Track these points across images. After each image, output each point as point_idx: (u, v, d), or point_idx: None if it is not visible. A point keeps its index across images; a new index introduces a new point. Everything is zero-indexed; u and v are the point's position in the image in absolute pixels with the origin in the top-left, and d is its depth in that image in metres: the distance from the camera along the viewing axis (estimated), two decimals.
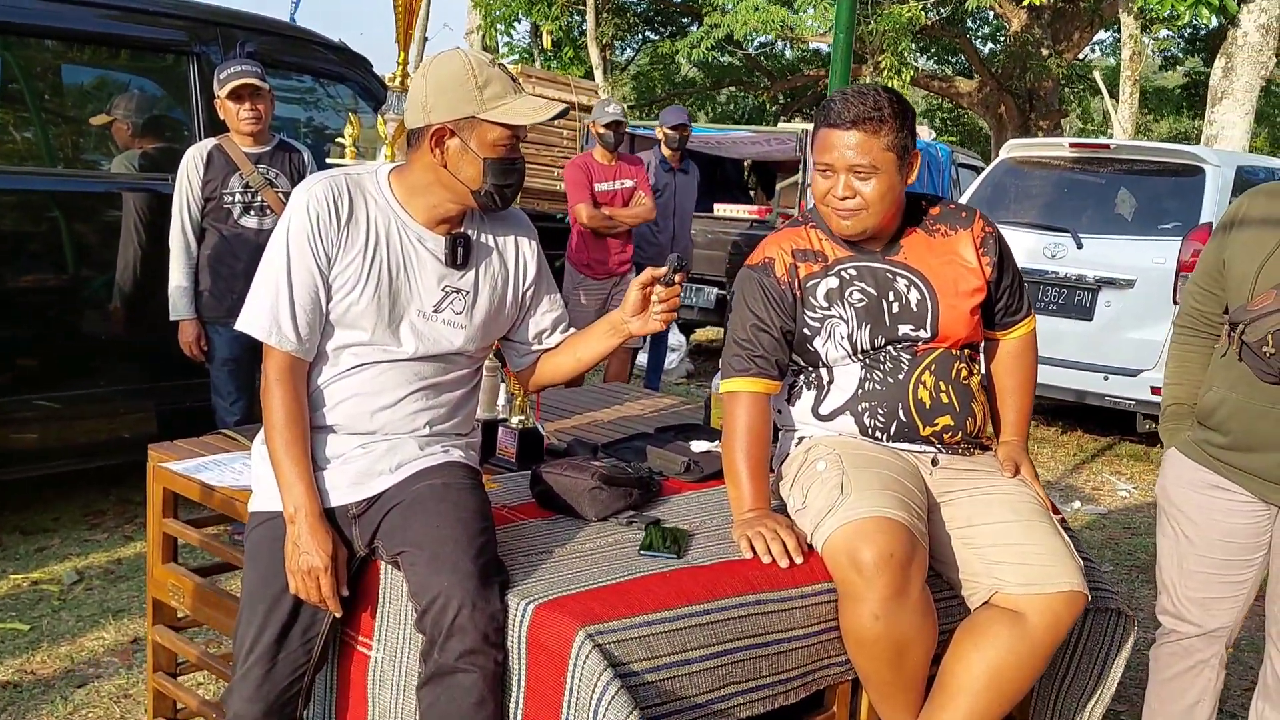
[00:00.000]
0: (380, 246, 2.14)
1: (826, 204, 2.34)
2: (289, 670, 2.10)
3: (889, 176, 2.29)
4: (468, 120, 2.08)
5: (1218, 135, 10.54)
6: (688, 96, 24.02)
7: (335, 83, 5.44)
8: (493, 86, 2.08)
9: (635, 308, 2.26)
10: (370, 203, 2.16)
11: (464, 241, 2.20)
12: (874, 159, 2.26)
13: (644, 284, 2.24)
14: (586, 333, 2.39)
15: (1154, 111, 24.02)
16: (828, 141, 2.30)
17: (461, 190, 2.13)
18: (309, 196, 2.11)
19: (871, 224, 2.33)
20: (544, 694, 1.88)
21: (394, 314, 2.15)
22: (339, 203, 2.12)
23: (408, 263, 2.17)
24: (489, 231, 2.28)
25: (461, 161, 2.10)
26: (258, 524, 2.17)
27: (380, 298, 2.13)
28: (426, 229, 2.19)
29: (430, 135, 2.09)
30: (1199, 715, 2.70)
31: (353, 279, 2.12)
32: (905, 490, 2.25)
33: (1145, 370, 6.13)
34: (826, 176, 2.32)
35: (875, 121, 2.26)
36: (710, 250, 8.65)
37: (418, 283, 2.17)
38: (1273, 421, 2.44)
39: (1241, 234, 2.55)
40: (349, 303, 2.12)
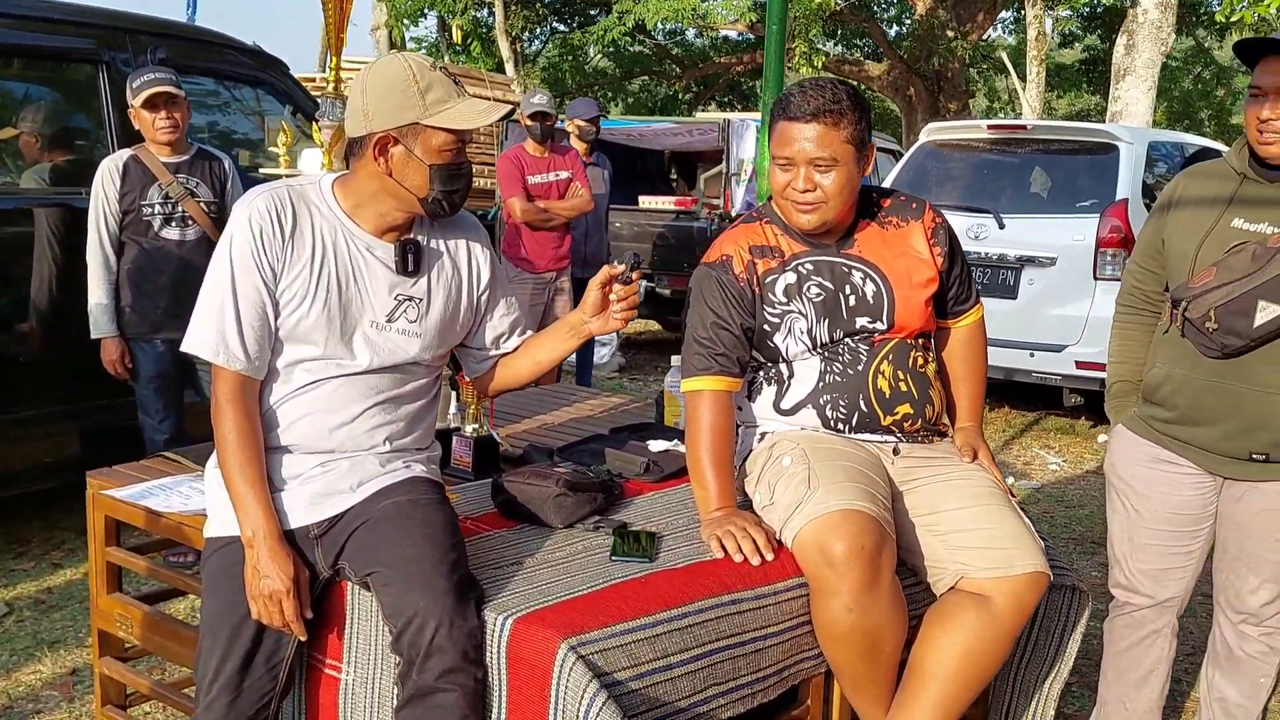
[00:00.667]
0: (328, 258, 2.09)
1: (786, 197, 2.33)
2: (255, 698, 2.04)
3: (848, 169, 2.29)
4: (411, 127, 2.03)
5: (1122, 111, 10.80)
6: (599, 87, 23.97)
7: (251, 87, 5.31)
8: (435, 91, 2.04)
9: (595, 307, 2.24)
10: (315, 214, 2.10)
11: (414, 248, 2.15)
12: (834, 151, 2.26)
13: (602, 283, 2.22)
14: (545, 335, 2.36)
15: (1055, 89, 24.56)
16: (787, 135, 2.29)
17: (408, 198, 2.08)
18: (250, 210, 2.05)
19: (831, 216, 2.33)
20: (527, 709, 1.86)
21: (346, 326, 2.10)
22: (282, 215, 2.06)
23: (357, 273, 2.11)
24: (439, 236, 2.23)
25: (407, 169, 2.06)
26: (215, 550, 2.11)
27: (330, 310, 2.08)
28: (375, 237, 2.14)
29: (373, 144, 2.04)
30: (1154, 683, 2.76)
31: (301, 293, 2.06)
32: (871, 481, 2.26)
33: (1070, 345, 6.25)
34: (786, 169, 2.32)
35: (835, 114, 2.26)
36: (637, 243, 8.64)
37: (369, 293, 2.12)
38: (1216, 395, 2.49)
39: (1179, 213, 2.60)
40: (298, 317, 2.07)
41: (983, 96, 27.08)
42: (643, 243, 8.70)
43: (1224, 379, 2.48)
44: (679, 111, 22.35)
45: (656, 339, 10.33)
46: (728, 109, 21.75)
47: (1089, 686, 3.23)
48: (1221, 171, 2.57)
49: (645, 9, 15.04)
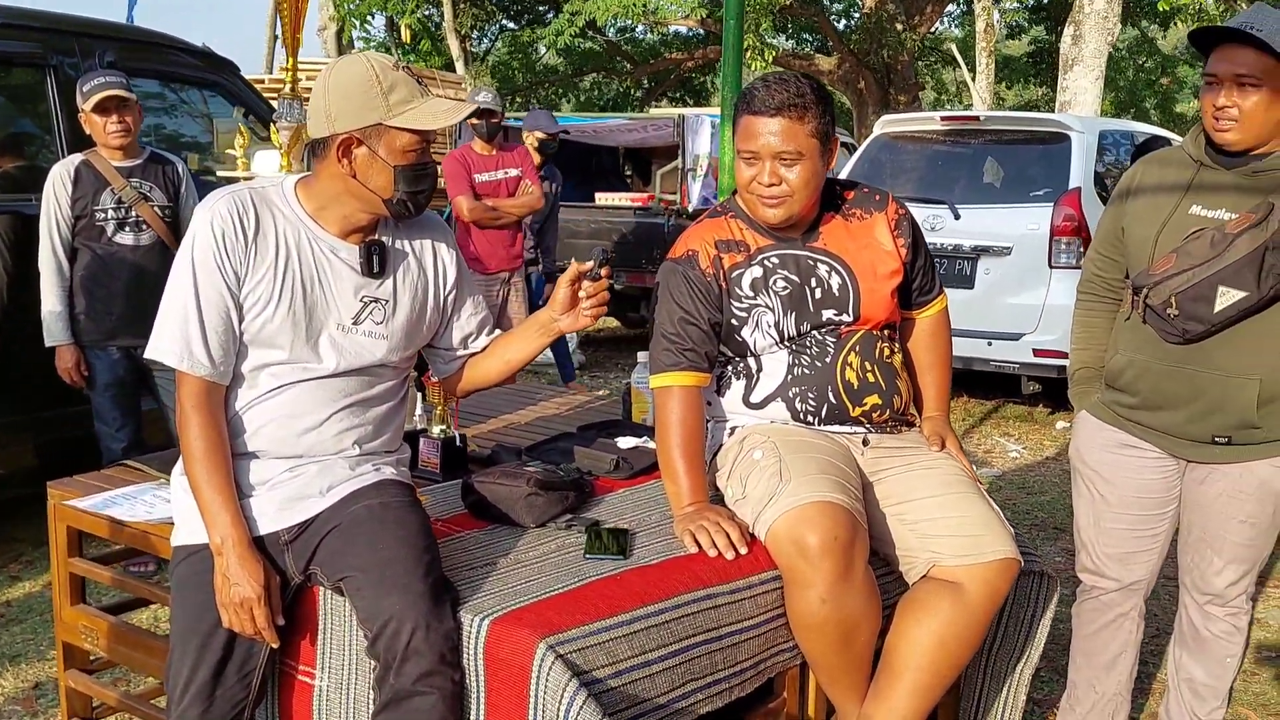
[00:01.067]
0: (291, 261, 2.06)
1: (752, 191, 2.34)
2: (227, 707, 2.02)
3: (813, 163, 2.30)
4: (375, 128, 2.01)
5: (1071, 101, 10.93)
6: (550, 85, 23.91)
7: (200, 89, 5.24)
8: (399, 91, 2.01)
9: (564, 305, 2.23)
10: (277, 216, 2.07)
11: (379, 249, 2.13)
12: (799, 145, 2.27)
13: (571, 280, 2.21)
14: (514, 334, 2.34)
15: (1004, 80, 24.81)
16: (752, 129, 2.29)
17: (373, 199, 2.06)
18: (212, 214, 2.02)
19: (797, 210, 2.33)
20: (506, 710, 1.84)
21: (311, 329, 2.07)
22: (244, 219, 2.03)
23: (322, 275, 2.09)
24: (404, 237, 2.21)
25: (371, 170, 2.03)
26: (184, 558, 2.07)
27: (295, 313, 2.05)
28: (339, 239, 2.11)
29: (336, 145, 2.02)
30: (1122, 665, 2.79)
31: (265, 296, 2.03)
32: (841, 473, 2.26)
33: (1027, 334, 6.32)
34: (751, 164, 2.32)
35: (799, 108, 2.26)
36: (596, 240, 8.62)
37: (334, 295, 2.10)
38: (1179, 380, 2.52)
39: (1138, 201, 2.63)
40: (263, 321, 2.04)
41: (931, 89, 27.31)
42: (600, 240, 8.69)
43: (1185, 364, 2.51)
44: (631, 108, 22.33)
45: (615, 336, 10.32)
46: (680, 105, 21.78)
47: (1058, 671, 3.26)
48: (1179, 159, 2.60)
49: (595, 6, 15.01)
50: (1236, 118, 2.40)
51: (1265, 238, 2.37)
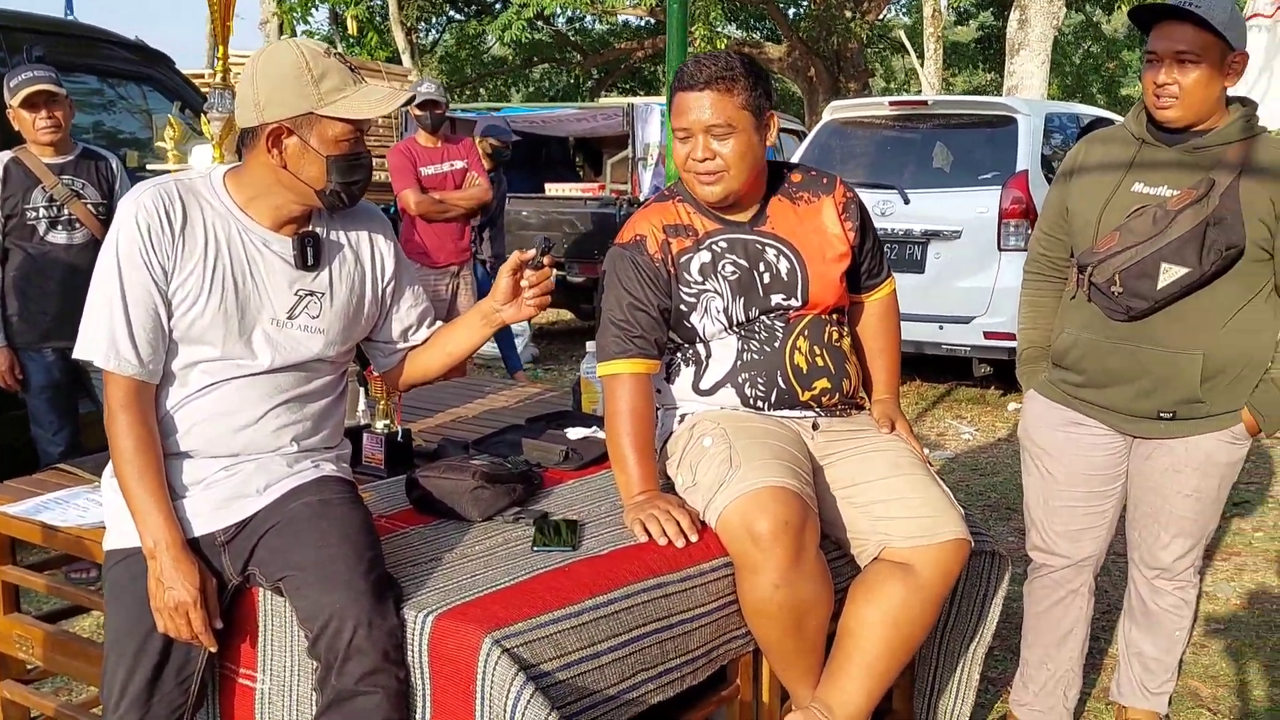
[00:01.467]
0: (221, 254, 2.00)
1: (688, 169, 2.31)
2: (165, 713, 1.97)
3: (746, 135, 2.27)
4: (306, 117, 1.95)
5: (1018, 86, 11.00)
6: (499, 76, 23.76)
7: (136, 84, 5.13)
8: (330, 79, 1.96)
9: (506, 294, 2.19)
10: (206, 209, 2.01)
11: (313, 241, 2.07)
12: (729, 117, 2.25)
13: (513, 269, 2.17)
14: (456, 325, 2.30)
15: (952, 66, 24.96)
16: (684, 105, 2.27)
17: (305, 190, 2.01)
18: (137, 207, 1.95)
19: (735, 186, 2.31)
20: (452, 707, 1.81)
21: (244, 324, 2.02)
22: (170, 211, 1.96)
23: (254, 269, 2.03)
24: (339, 228, 2.15)
25: (302, 161, 1.98)
26: (116, 562, 2.01)
27: (227, 308, 2.00)
28: (271, 231, 2.05)
29: (266, 135, 1.96)
30: (1073, 641, 2.81)
31: (194, 292, 1.97)
32: (792, 458, 2.25)
33: (978, 316, 6.35)
34: (685, 140, 2.30)
35: (728, 80, 2.24)
36: (547, 232, 8.56)
37: (267, 289, 2.04)
38: (1124, 357, 2.53)
39: (1081, 180, 2.63)
40: (193, 317, 1.98)
41: (880, 77, 27.44)
42: (552, 231, 8.62)
43: (1130, 341, 2.52)
44: (581, 98, 22.24)
45: (570, 328, 10.28)
46: (630, 94, 21.73)
47: (1010, 649, 3.28)
48: (1121, 137, 2.61)
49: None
50: (1177, 94, 2.41)
51: (1206, 214, 2.39)
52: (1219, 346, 2.46)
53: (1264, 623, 3.62)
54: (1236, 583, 3.97)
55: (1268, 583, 3.97)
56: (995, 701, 3.12)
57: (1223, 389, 2.50)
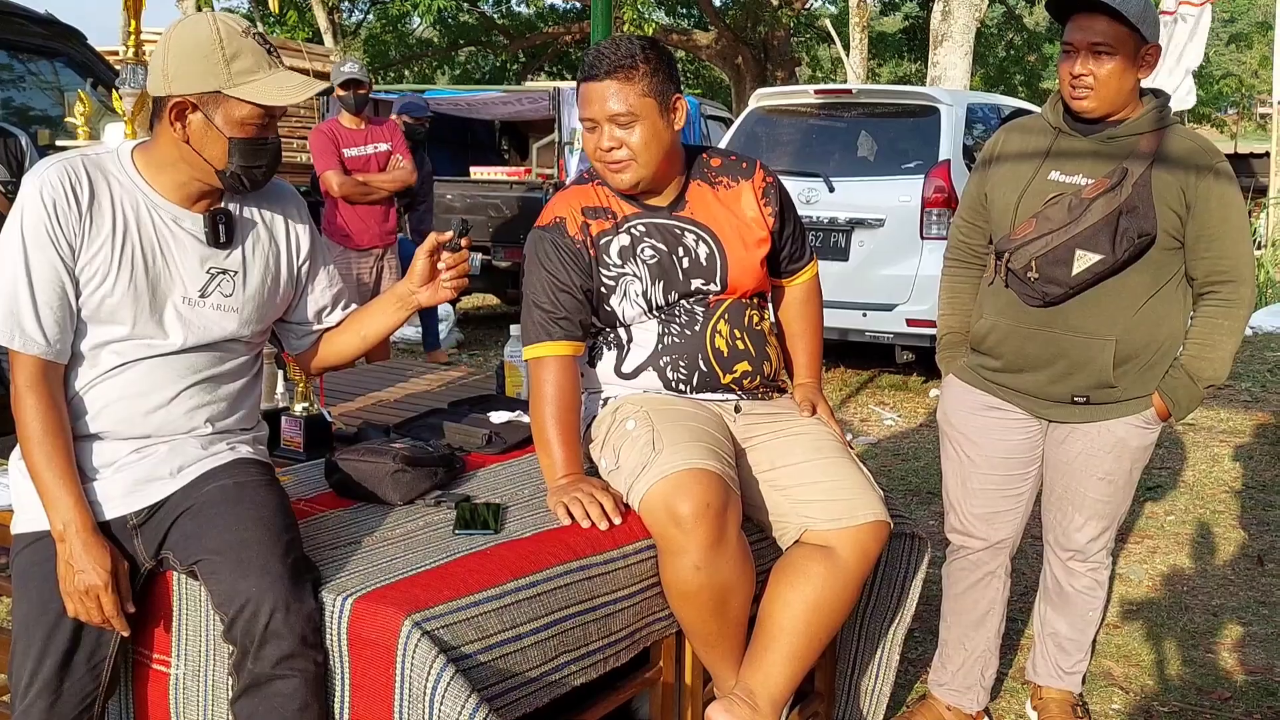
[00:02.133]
0: (130, 231, 1.95)
1: (598, 159, 2.31)
2: (76, 700, 1.92)
3: (651, 123, 2.27)
4: (212, 95, 1.91)
5: (941, 76, 11.15)
6: (424, 59, 23.50)
7: (47, 59, 4.99)
8: (243, 59, 1.91)
9: (423, 277, 2.16)
10: (114, 184, 1.96)
11: (224, 218, 2.02)
12: (631, 105, 2.24)
13: (429, 251, 2.14)
14: (370, 308, 2.26)
15: (877, 56, 25.22)
16: (587, 95, 2.27)
17: (205, 169, 1.95)
18: (42, 183, 1.89)
19: (644, 174, 2.30)
20: (372, 689, 1.79)
21: (155, 303, 1.97)
22: (78, 187, 1.91)
23: (164, 246, 1.98)
24: (253, 205, 2.11)
25: (205, 139, 1.93)
26: (24, 546, 1.96)
27: (137, 286, 1.95)
28: (181, 208, 2.00)
29: (170, 108, 1.91)
30: (990, 622, 2.86)
31: (102, 270, 1.92)
32: (714, 440, 2.25)
33: (900, 304, 6.43)
34: (592, 130, 2.29)
35: (628, 69, 2.24)
36: (471, 215, 8.49)
37: (178, 267, 1.99)
38: (1040, 343, 2.58)
39: (1000, 168, 2.68)
40: (101, 295, 1.93)
41: (807, 65, 27.61)
42: (477, 214, 8.56)
43: (1046, 327, 2.56)
44: (508, 82, 22.09)
45: (495, 313, 10.22)
46: (557, 79, 21.62)
47: (929, 630, 3.33)
48: (1038, 126, 2.66)
49: None
50: (1092, 85, 2.46)
51: (1119, 202, 2.44)
52: (1131, 332, 2.52)
53: (1175, 604, 3.72)
54: (1149, 565, 4.08)
55: (1179, 565, 4.08)
56: (914, 681, 3.17)
57: (1134, 374, 2.56)
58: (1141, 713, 3.02)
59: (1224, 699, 3.08)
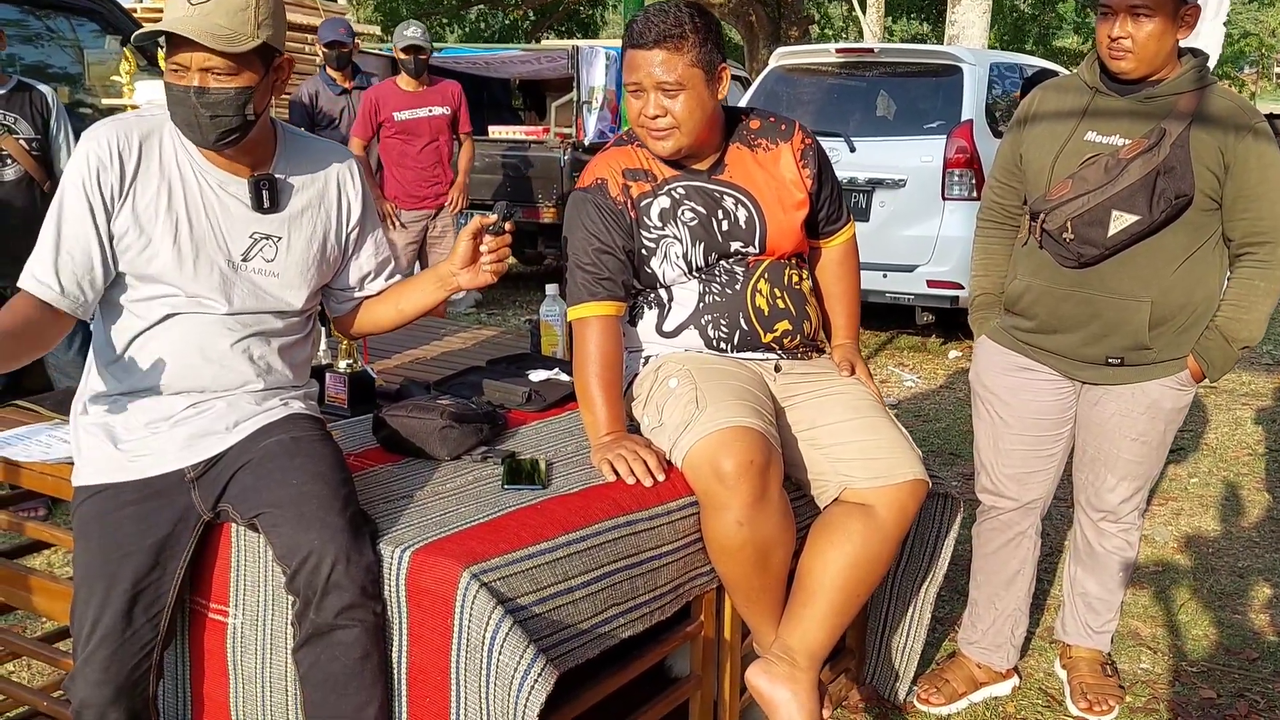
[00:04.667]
0: (176, 193, 1.98)
1: (640, 124, 2.32)
2: (136, 648, 1.96)
3: (697, 92, 2.28)
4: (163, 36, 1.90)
5: (959, 35, 11.06)
6: (435, 16, 23.33)
7: (75, 16, 4.98)
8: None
9: (464, 259, 2.18)
10: (164, 147, 1.99)
11: (269, 183, 2.04)
12: (679, 75, 2.25)
13: (473, 233, 2.16)
14: (411, 284, 2.28)
15: (889, 14, 24.98)
16: (634, 62, 2.27)
17: None
18: (92, 143, 1.94)
19: (686, 142, 2.32)
20: (429, 639, 1.83)
21: (199, 264, 2.00)
22: (125, 150, 1.94)
23: (209, 209, 2.01)
24: (304, 170, 2.13)
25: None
26: (86, 498, 2.00)
27: (181, 248, 1.98)
28: (228, 173, 2.03)
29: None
30: (1020, 582, 2.89)
31: (148, 229, 1.96)
32: (756, 399, 2.28)
33: (921, 265, 6.43)
34: (637, 96, 2.30)
35: (677, 38, 2.24)
36: (489, 174, 8.48)
37: (222, 230, 2.02)
38: (1074, 304, 2.60)
39: (1035, 128, 2.68)
40: (150, 255, 1.96)
41: (817, 24, 27.36)
42: (494, 174, 8.56)
43: (1081, 288, 2.58)
44: (518, 40, 21.95)
45: (512, 273, 10.23)
46: (568, 38, 21.48)
47: (956, 590, 3.37)
48: (1075, 85, 2.65)
49: None
50: (1130, 48, 2.45)
51: (1157, 163, 2.44)
52: (1167, 294, 2.53)
53: (1201, 565, 3.76)
54: (1173, 527, 4.11)
55: (1203, 527, 4.12)
56: (943, 640, 3.22)
57: (1170, 336, 2.57)
58: (1170, 672, 3.07)
59: (1251, 659, 3.12)
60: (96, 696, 1.93)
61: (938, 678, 2.94)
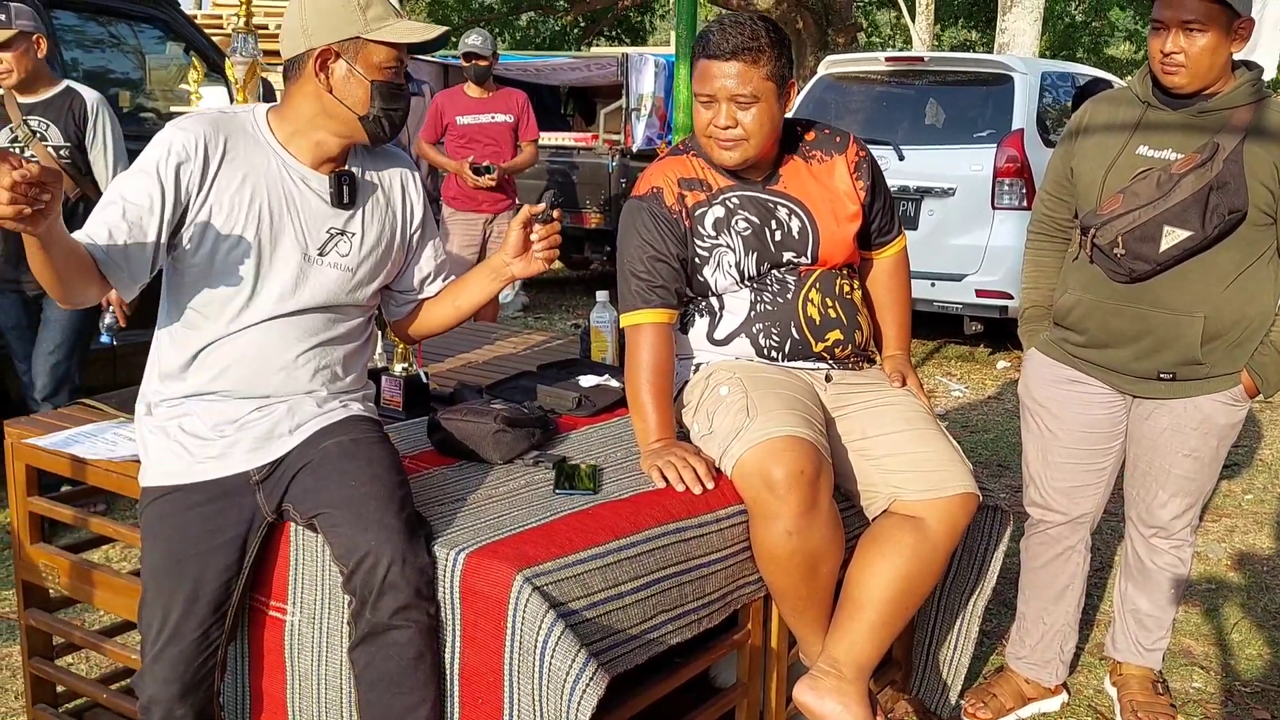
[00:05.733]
0: (259, 187, 2.04)
1: (709, 134, 2.34)
2: (204, 646, 2.01)
3: (769, 105, 2.30)
4: (353, 42, 2.01)
5: (1009, 43, 11.00)
6: (486, 23, 23.50)
7: (137, 23, 5.08)
8: (375, 8, 2.03)
9: (516, 248, 2.22)
10: (248, 143, 2.06)
11: (349, 180, 2.11)
12: (755, 88, 2.27)
13: (523, 222, 2.20)
14: (465, 279, 2.33)
15: (938, 22, 24.83)
16: (709, 72, 2.29)
17: (348, 117, 2.05)
18: (178, 132, 1.99)
19: (753, 155, 2.34)
20: (483, 641, 1.86)
21: (276, 257, 2.06)
22: (211, 143, 2.01)
23: (289, 203, 2.07)
24: (373, 170, 2.20)
25: (348, 86, 2.03)
26: (153, 499, 2.05)
27: (260, 239, 2.04)
28: (310, 169, 2.10)
29: (314, 59, 2.02)
30: (1070, 597, 2.88)
31: (228, 223, 2.01)
32: (806, 409, 2.30)
33: (970, 274, 6.40)
34: (708, 107, 2.32)
35: (754, 51, 2.26)
36: (537, 180, 8.54)
37: (301, 224, 2.08)
38: (1125, 318, 2.59)
39: (1087, 141, 2.67)
40: (228, 247, 2.02)
41: (863, 32, 27.23)
42: (542, 179, 8.61)
43: (1132, 302, 2.57)
44: (568, 47, 22.05)
45: (559, 278, 10.28)
46: (617, 44, 21.55)
47: (1004, 603, 3.36)
48: (1127, 98, 2.64)
49: None
50: (1183, 62, 2.44)
51: (1210, 178, 2.43)
52: (1220, 309, 2.51)
53: (1254, 584, 3.72)
54: (1227, 544, 4.07)
55: (1257, 544, 4.07)
56: (990, 654, 3.20)
57: (1223, 351, 2.55)
58: (1222, 691, 3.03)
59: None
60: (165, 693, 1.98)
61: (985, 692, 2.93)
